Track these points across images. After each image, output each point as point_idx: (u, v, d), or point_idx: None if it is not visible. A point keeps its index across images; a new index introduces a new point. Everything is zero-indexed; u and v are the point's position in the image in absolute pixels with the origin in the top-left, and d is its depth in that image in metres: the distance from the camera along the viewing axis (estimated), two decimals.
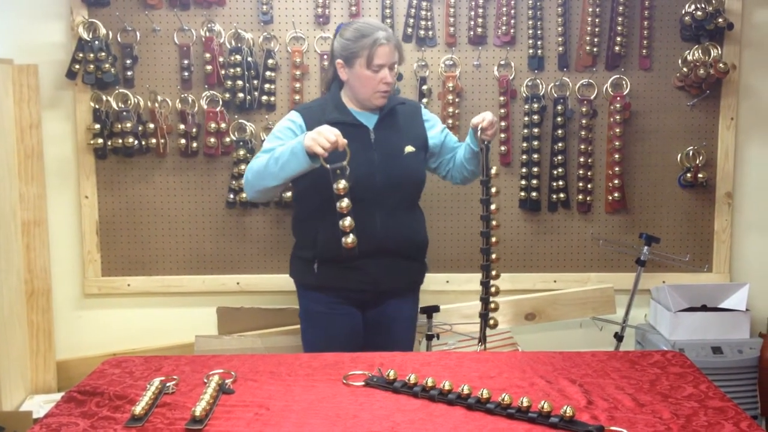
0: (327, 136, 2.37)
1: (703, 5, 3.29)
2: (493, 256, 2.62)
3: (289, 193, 3.31)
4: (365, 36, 2.62)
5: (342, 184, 2.38)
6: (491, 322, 2.66)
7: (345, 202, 2.40)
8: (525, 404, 1.82)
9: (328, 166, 2.39)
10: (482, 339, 2.69)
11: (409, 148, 2.72)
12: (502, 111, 3.42)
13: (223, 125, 3.37)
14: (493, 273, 2.62)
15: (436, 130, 2.84)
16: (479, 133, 2.60)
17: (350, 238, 2.42)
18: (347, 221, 2.41)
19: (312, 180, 2.56)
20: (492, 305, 2.64)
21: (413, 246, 2.78)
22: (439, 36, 3.42)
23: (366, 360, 2.24)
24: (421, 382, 1.98)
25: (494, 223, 2.61)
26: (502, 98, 3.42)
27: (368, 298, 2.73)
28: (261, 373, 2.14)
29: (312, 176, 2.52)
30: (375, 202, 2.61)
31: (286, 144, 2.53)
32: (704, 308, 3.37)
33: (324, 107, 2.72)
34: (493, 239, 2.62)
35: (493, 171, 2.61)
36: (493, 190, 2.60)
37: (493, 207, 2.60)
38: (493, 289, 2.63)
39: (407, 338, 2.85)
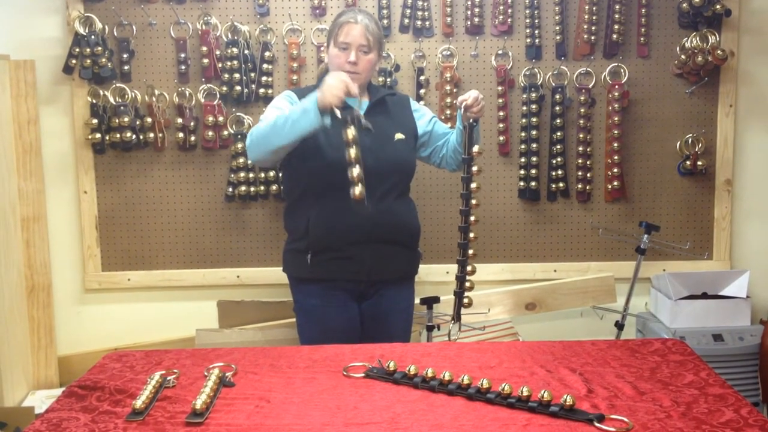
0: (336, 83, 2.39)
1: None
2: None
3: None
4: (340, 16, 2.72)
5: (351, 132, 2.36)
6: (466, 300, 2.64)
7: (354, 152, 2.36)
8: (525, 393, 1.82)
9: (338, 113, 2.38)
10: (456, 317, 2.67)
11: (399, 136, 2.74)
12: (500, 101, 3.42)
13: (220, 118, 3.37)
14: (471, 252, 2.62)
15: (424, 119, 2.86)
16: (464, 110, 2.59)
17: (358, 189, 2.36)
18: (356, 171, 2.37)
19: (301, 159, 2.60)
20: (468, 284, 2.62)
21: (406, 232, 2.77)
22: (436, 26, 3.41)
23: (366, 351, 2.25)
24: (421, 373, 1.98)
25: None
26: (500, 88, 3.42)
27: (363, 288, 2.73)
28: (261, 366, 2.15)
29: (300, 155, 2.57)
30: (366, 187, 2.59)
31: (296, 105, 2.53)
32: (705, 296, 3.37)
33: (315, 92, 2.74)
34: (472, 218, 2.61)
35: (476, 149, 2.58)
36: (475, 168, 2.57)
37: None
38: (469, 268, 2.60)
39: (404, 330, 2.85)
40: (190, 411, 1.81)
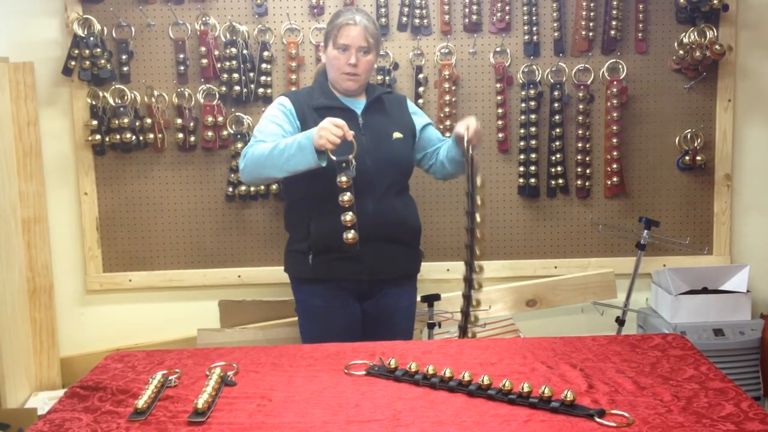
0: (333, 129, 2.38)
1: None
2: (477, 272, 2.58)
3: (274, 185, 3.32)
4: (338, 17, 2.70)
5: (345, 177, 2.39)
6: (472, 322, 2.64)
7: (347, 196, 2.41)
8: (526, 390, 1.82)
9: (334, 158, 2.39)
10: (462, 333, 2.66)
11: (397, 134, 2.73)
12: (499, 98, 3.42)
13: (220, 119, 3.37)
14: (477, 280, 2.59)
15: (421, 122, 2.86)
16: (465, 143, 2.57)
17: (351, 234, 2.45)
18: (348, 216, 2.43)
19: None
20: (472, 319, 2.62)
21: (406, 231, 2.77)
22: (434, 24, 3.41)
23: (367, 349, 2.25)
24: (422, 370, 1.98)
25: (478, 234, 2.55)
26: (498, 85, 3.42)
27: (365, 288, 2.73)
28: (263, 365, 2.15)
29: None
30: (366, 187, 2.60)
31: (293, 137, 2.51)
32: (705, 291, 3.38)
33: (311, 93, 2.75)
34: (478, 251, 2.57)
35: (479, 182, 2.54)
36: (479, 201, 2.54)
37: (478, 219, 2.55)
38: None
39: (407, 329, 2.85)
40: (192, 410, 1.81)
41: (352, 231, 2.45)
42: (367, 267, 2.68)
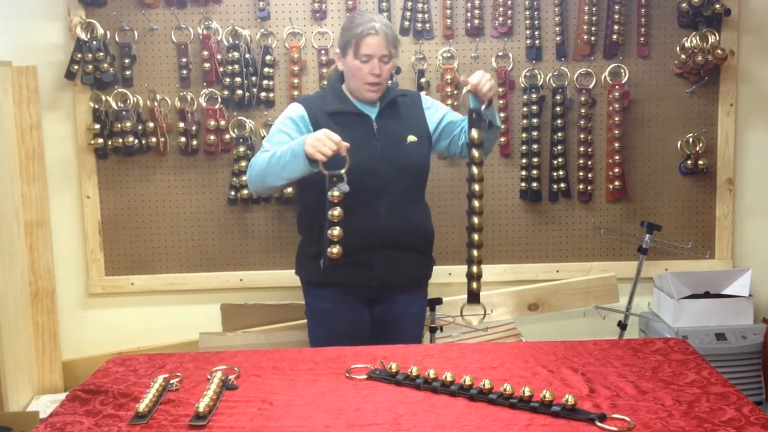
0: (327, 142, 2.36)
1: None
2: (476, 222, 2.50)
3: (290, 189, 3.32)
4: (357, 25, 2.61)
5: (336, 192, 2.38)
6: (474, 286, 2.55)
7: (337, 211, 2.40)
8: (527, 394, 1.82)
9: (326, 172, 2.38)
10: (473, 299, 2.57)
11: (411, 138, 2.69)
12: (501, 102, 3.42)
13: (222, 122, 3.38)
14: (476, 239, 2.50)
15: (438, 114, 2.78)
16: (476, 93, 2.52)
17: (336, 249, 2.44)
18: (336, 231, 2.42)
19: (312, 175, 2.56)
20: (475, 269, 2.53)
21: (419, 238, 2.74)
22: (437, 28, 3.42)
23: (368, 353, 2.25)
24: (424, 374, 1.98)
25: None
26: (500, 89, 3.42)
27: (374, 293, 2.70)
28: (264, 369, 2.15)
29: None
30: (379, 192, 2.58)
31: (289, 143, 2.51)
32: (707, 295, 3.37)
33: (324, 98, 2.71)
34: (476, 205, 2.49)
35: (475, 134, 2.46)
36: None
37: (474, 173, 2.47)
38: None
39: (415, 335, 2.82)
40: (193, 414, 1.81)
41: (337, 246, 2.44)
42: (377, 273, 2.66)
